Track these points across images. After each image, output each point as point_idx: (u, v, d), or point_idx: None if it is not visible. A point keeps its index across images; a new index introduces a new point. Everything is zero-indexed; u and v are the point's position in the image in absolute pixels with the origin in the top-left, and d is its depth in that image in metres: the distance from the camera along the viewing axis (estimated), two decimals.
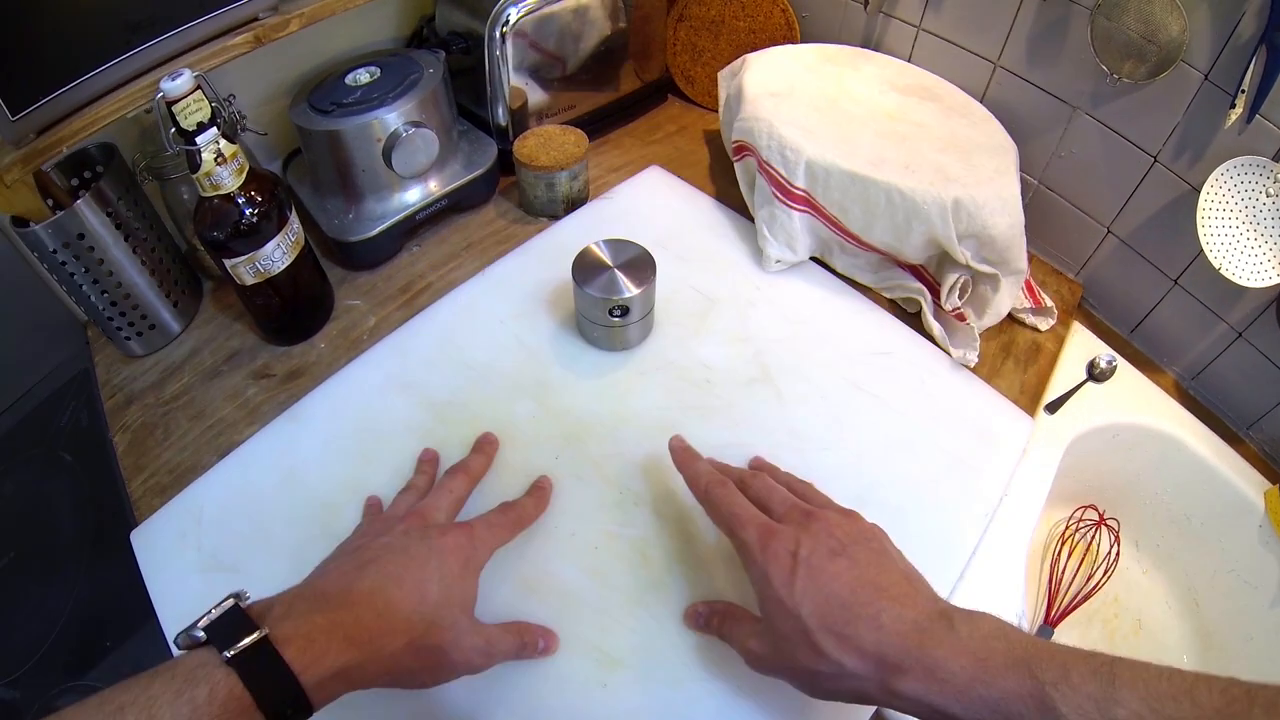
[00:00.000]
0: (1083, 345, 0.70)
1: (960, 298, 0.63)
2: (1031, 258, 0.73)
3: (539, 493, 0.52)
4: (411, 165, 0.68)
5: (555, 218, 0.76)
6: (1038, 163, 0.72)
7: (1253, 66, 0.52)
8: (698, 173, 0.82)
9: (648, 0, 0.82)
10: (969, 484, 0.56)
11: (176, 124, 0.49)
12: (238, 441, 0.57)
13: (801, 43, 0.82)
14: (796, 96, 0.69)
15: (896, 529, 0.42)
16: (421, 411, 0.58)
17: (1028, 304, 0.68)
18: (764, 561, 0.40)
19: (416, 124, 0.66)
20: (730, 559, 0.48)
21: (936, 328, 0.64)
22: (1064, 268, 0.76)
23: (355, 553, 0.40)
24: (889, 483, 0.55)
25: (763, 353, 0.62)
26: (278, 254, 0.57)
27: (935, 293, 0.65)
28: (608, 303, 0.57)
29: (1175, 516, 0.68)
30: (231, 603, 0.33)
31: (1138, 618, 0.68)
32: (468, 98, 0.79)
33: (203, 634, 0.32)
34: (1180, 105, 0.59)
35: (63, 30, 0.54)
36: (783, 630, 0.38)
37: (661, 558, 0.50)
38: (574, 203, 0.76)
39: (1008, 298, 0.64)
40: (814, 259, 0.71)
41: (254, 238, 0.55)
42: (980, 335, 0.63)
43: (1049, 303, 0.68)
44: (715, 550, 0.50)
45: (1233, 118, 0.54)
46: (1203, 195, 0.57)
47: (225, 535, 0.51)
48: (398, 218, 0.70)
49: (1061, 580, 0.66)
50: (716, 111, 0.79)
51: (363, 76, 0.68)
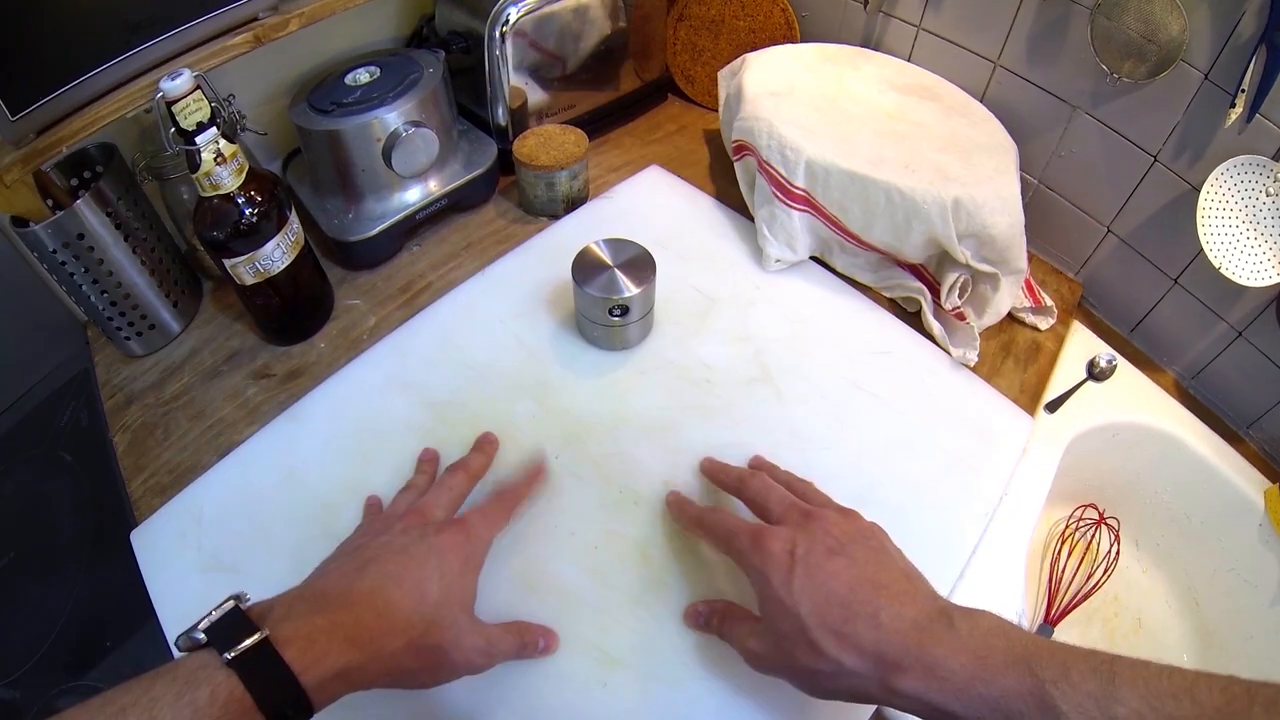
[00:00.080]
0: (1083, 344, 0.70)
1: (960, 297, 0.63)
2: (1031, 257, 0.73)
3: (532, 475, 0.52)
4: (411, 165, 0.68)
5: (555, 217, 0.76)
6: (1038, 162, 0.72)
7: (1253, 66, 0.52)
8: (697, 172, 0.82)
9: (648, 0, 0.82)
10: (969, 483, 0.56)
11: (176, 124, 0.49)
12: (238, 441, 0.57)
13: (801, 42, 0.82)
14: (796, 96, 0.69)
15: (896, 528, 0.43)
16: (421, 411, 0.58)
17: (1028, 303, 0.68)
18: (762, 561, 0.40)
19: (416, 124, 0.66)
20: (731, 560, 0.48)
21: (936, 327, 0.64)
22: (1064, 267, 0.76)
23: (355, 552, 0.40)
24: (889, 482, 0.55)
25: (763, 352, 0.62)
26: (277, 254, 0.57)
27: (935, 292, 0.65)
28: (608, 302, 0.57)
29: (1175, 515, 0.68)
30: (232, 604, 0.34)
31: (1138, 616, 0.68)
32: (467, 97, 0.79)
33: (203, 636, 0.32)
34: (1180, 105, 0.59)
35: (63, 30, 0.54)
36: (782, 629, 0.38)
37: (661, 557, 0.50)
38: (574, 202, 0.76)
39: (1008, 297, 0.64)
40: (814, 258, 0.71)
41: (254, 238, 0.55)
42: (980, 334, 0.63)
43: (1049, 302, 0.68)
44: (715, 550, 0.50)
45: (1233, 117, 0.55)
46: (1203, 194, 0.57)
47: (225, 535, 0.51)
48: (397, 217, 0.70)
49: (1061, 579, 0.66)
50: (716, 111, 0.79)
51: (362, 76, 0.68)
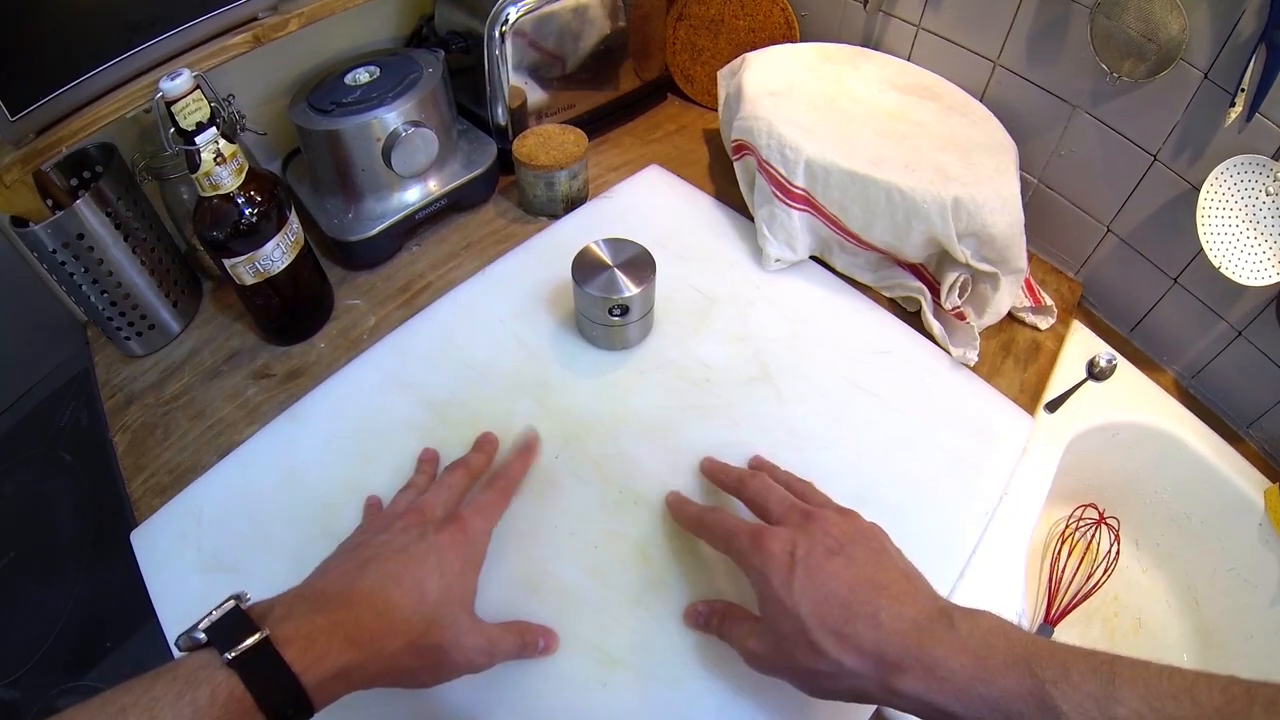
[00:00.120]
0: (1082, 344, 0.70)
1: (960, 296, 0.63)
2: (1031, 256, 0.73)
3: (524, 451, 0.52)
4: (411, 165, 0.68)
5: (555, 217, 0.76)
6: (1037, 161, 0.72)
7: (1252, 65, 0.52)
8: (697, 172, 0.82)
9: (647, 0, 0.82)
10: (969, 483, 0.56)
11: (176, 124, 0.49)
12: (238, 441, 0.57)
13: (801, 41, 0.82)
14: (796, 95, 0.69)
15: (896, 528, 0.43)
16: (421, 411, 0.58)
17: (1027, 303, 0.68)
18: (761, 562, 0.40)
19: (416, 123, 0.66)
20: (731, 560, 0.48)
21: (936, 326, 0.64)
22: (1064, 266, 0.76)
23: (354, 551, 0.40)
24: (889, 481, 0.55)
25: (762, 352, 0.62)
26: (277, 254, 0.57)
27: (935, 291, 0.65)
28: (607, 302, 0.57)
29: (1175, 515, 0.68)
30: (232, 604, 0.33)
31: (1138, 616, 0.68)
32: (467, 97, 0.79)
33: (204, 636, 0.32)
34: (1180, 104, 0.59)
35: (62, 30, 0.54)
36: (782, 629, 0.38)
37: (661, 557, 0.50)
38: (573, 202, 0.76)
39: (1007, 296, 0.64)
40: (814, 258, 0.71)
41: (253, 237, 0.55)
42: (980, 334, 0.63)
43: (1049, 301, 0.68)
44: (715, 550, 0.50)
45: (1232, 116, 0.54)
46: (1202, 194, 0.57)
47: (225, 535, 0.51)
48: (397, 217, 0.70)
49: (1061, 579, 0.66)
50: (716, 110, 0.79)
51: (362, 76, 0.68)
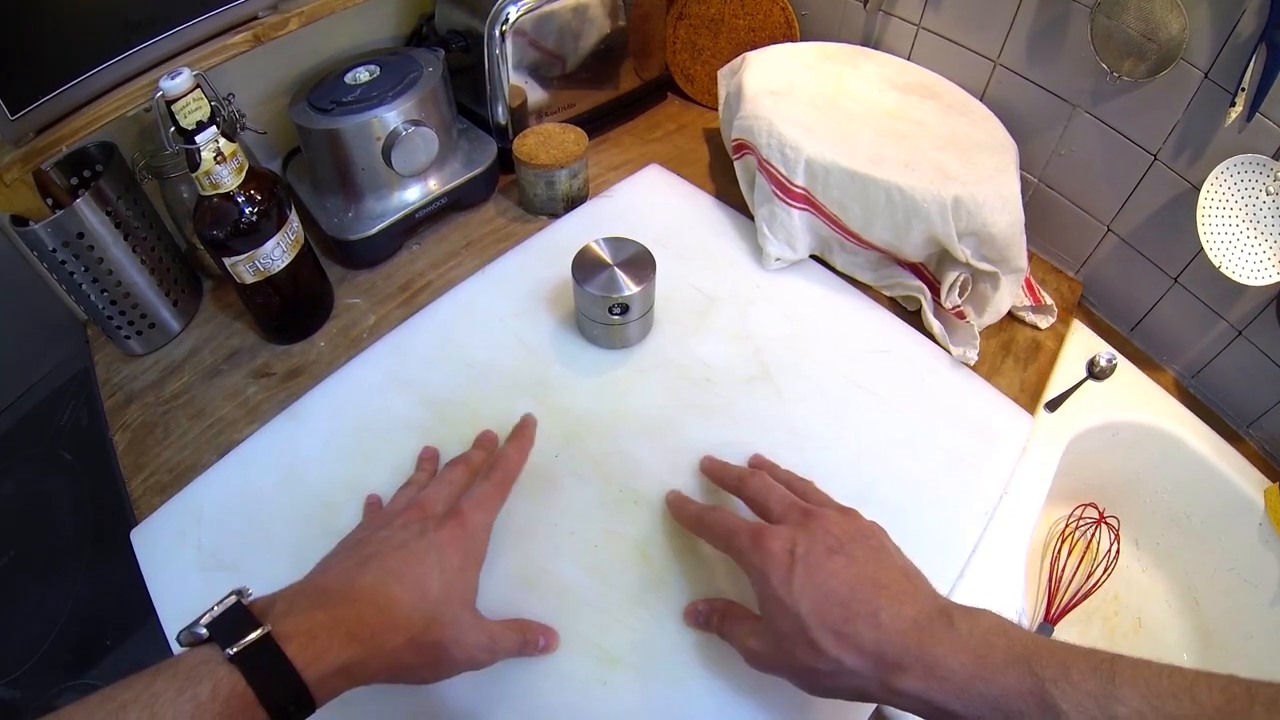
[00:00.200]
0: (1083, 343, 0.70)
1: (960, 296, 0.63)
2: (1031, 256, 0.73)
3: (520, 435, 0.52)
4: (411, 164, 0.68)
5: (555, 216, 0.76)
6: (1038, 161, 0.72)
7: (1253, 64, 0.52)
8: (697, 171, 0.82)
9: None
10: (969, 482, 0.56)
11: (176, 123, 0.49)
12: (237, 440, 0.57)
13: (801, 41, 0.82)
14: (796, 95, 0.69)
15: (896, 527, 0.43)
16: (421, 410, 0.58)
17: (1028, 302, 0.68)
18: (761, 560, 0.40)
19: (416, 122, 0.66)
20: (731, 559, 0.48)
21: (936, 326, 0.64)
22: (1064, 266, 0.76)
23: (355, 548, 0.40)
24: (889, 481, 0.55)
25: (762, 351, 0.62)
26: (277, 253, 0.57)
27: (935, 291, 0.65)
28: (607, 301, 0.57)
29: (1175, 515, 0.68)
30: (234, 600, 0.33)
31: (1138, 616, 0.68)
32: (467, 96, 0.79)
33: (205, 631, 0.32)
34: (1180, 103, 0.59)
35: (62, 29, 0.54)
36: (782, 628, 0.38)
37: (661, 556, 0.50)
38: (574, 201, 0.76)
39: (1008, 296, 0.64)
40: (814, 257, 0.71)
41: (253, 236, 0.55)
42: (980, 333, 0.63)
43: (1049, 301, 0.68)
44: (715, 549, 0.50)
45: (1233, 116, 0.55)
46: (1203, 193, 0.57)
47: (225, 534, 0.51)
48: (397, 216, 0.70)
49: (1061, 578, 0.66)
50: (716, 110, 0.79)
51: (362, 75, 0.68)
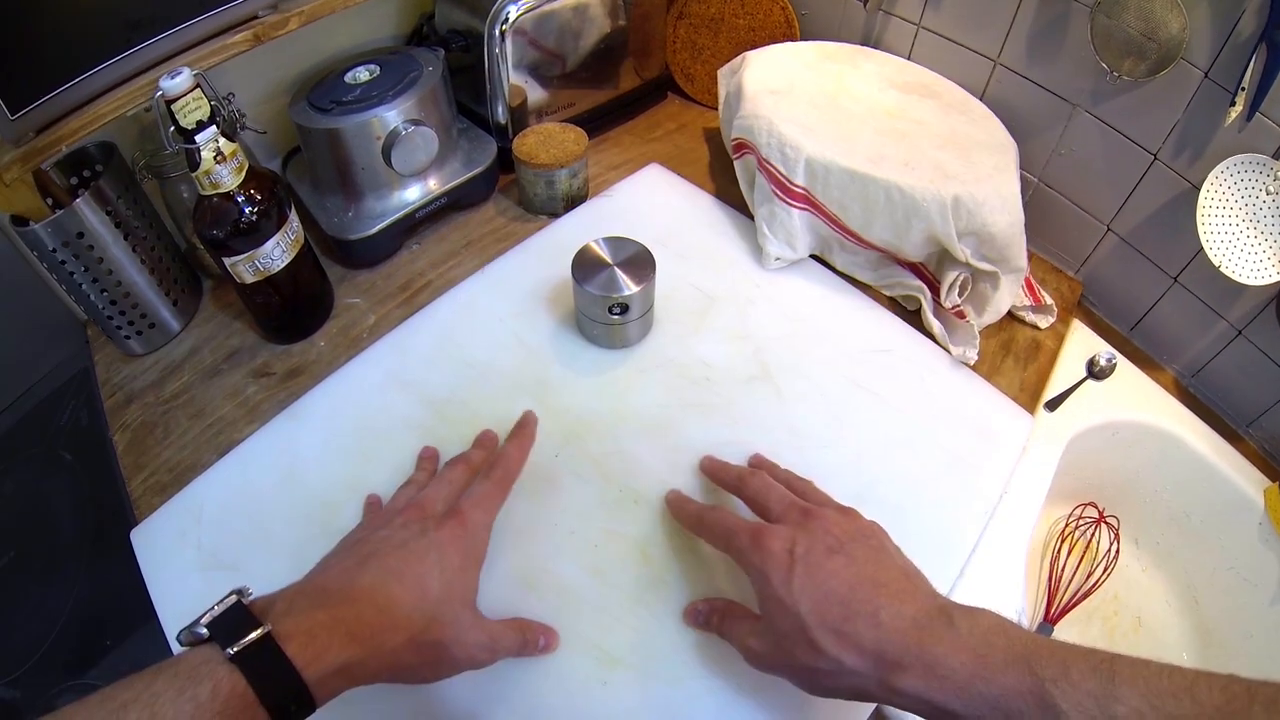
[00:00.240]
0: (1082, 343, 0.70)
1: (960, 295, 0.63)
2: (1031, 255, 0.73)
3: (521, 433, 0.52)
4: (411, 163, 0.68)
5: (555, 215, 0.76)
6: (1037, 160, 0.72)
7: (1253, 64, 0.52)
8: (697, 170, 0.82)
9: None
10: (969, 481, 0.56)
11: (176, 122, 0.49)
12: (237, 440, 0.57)
13: (801, 40, 0.82)
14: (796, 94, 0.69)
15: (896, 527, 0.43)
16: (421, 409, 0.58)
17: (1027, 301, 0.68)
18: (761, 560, 0.40)
19: (416, 122, 0.66)
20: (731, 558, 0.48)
21: (936, 325, 0.64)
22: (1064, 265, 0.76)
23: (355, 547, 0.40)
24: (888, 480, 0.55)
25: (762, 350, 0.62)
26: (277, 252, 0.57)
27: (935, 290, 0.65)
28: (607, 300, 0.57)
29: (1175, 514, 0.68)
30: (234, 599, 0.33)
31: (1137, 615, 0.69)
32: (467, 95, 0.79)
33: (205, 631, 0.32)
34: (1180, 103, 0.59)
35: (62, 28, 0.54)
36: (782, 628, 0.38)
37: (661, 556, 0.50)
38: (574, 200, 0.76)
39: (1007, 295, 0.64)
40: (814, 256, 0.71)
41: (253, 236, 0.55)
42: (980, 333, 0.63)
43: (1049, 300, 0.68)
44: (715, 548, 0.50)
45: (1233, 115, 0.55)
46: (1203, 193, 0.57)
47: (225, 534, 0.51)
48: (397, 216, 0.70)
49: (1061, 578, 0.66)
50: (716, 109, 0.79)
51: (362, 74, 0.68)
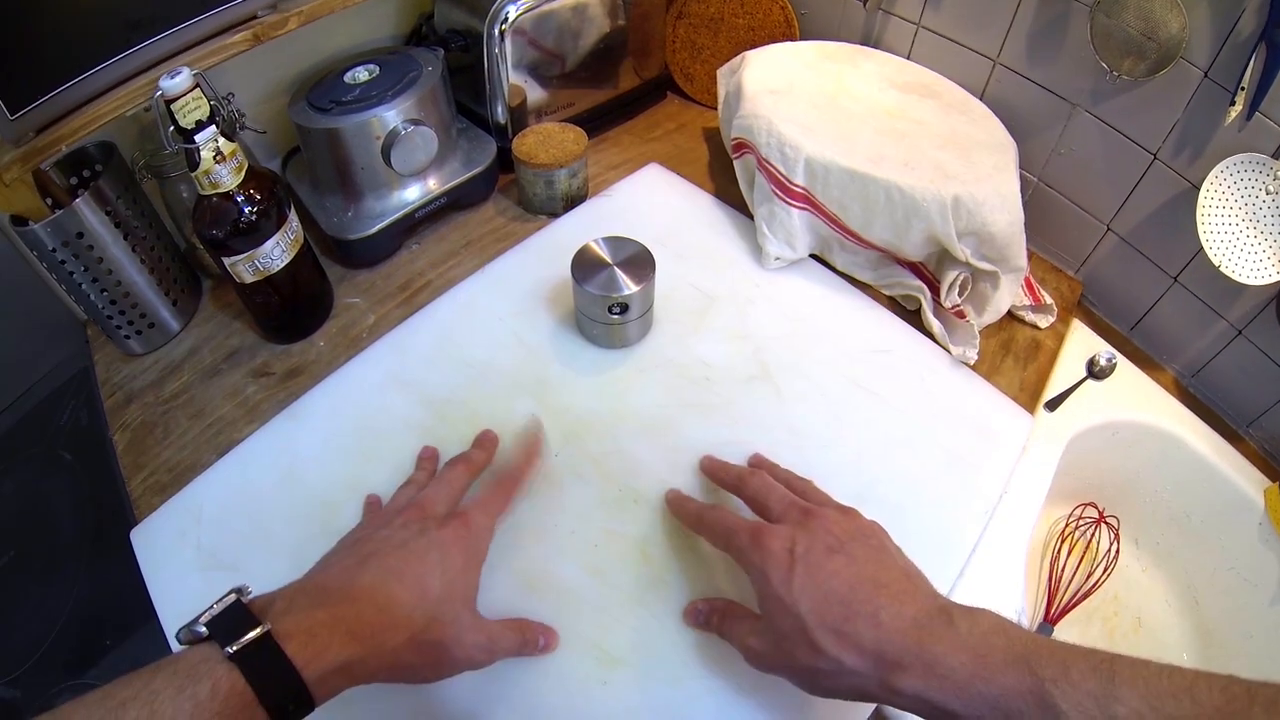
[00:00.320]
0: (1082, 343, 0.70)
1: (960, 295, 0.63)
2: (1031, 255, 0.73)
3: (529, 449, 0.52)
4: (410, 163, 0.68)
5: (554, 215, 0.76)
6: (1037, 160, 0.72)
7: (1252, 64, 0.52)
8: (697, 170, 0.82)
9: None
10: (969, 481, 0.56)
11: (175, 122, 0.49)
12: (237, 440, 0.57)
13: (801, 40, 0.82)
14: (796, 94, 0.69)
15: (896, 526, 0.43)
16: (421, 409, 0.58)
17: (1027, 301, 0.68)
18: (762, 560, 0.40)
19: (415, 122, 0.66)
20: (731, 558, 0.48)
21: (936, 325, 0.64)
22: (1064, 265, 0.76)
23: (355, 546, 0.40)
24: (888, 480, 0.55)
25: (762, 350, 0.62)
26: (277, 252, 0.57)
27: (935, 290, 0.65)
28: (607, 300, 0.57)
29: (1175, 514, 0.68)
30: (233, 598, 0.33)
31: (1137, 615, 0.68)
32: (467, 95, 0.79)
33: (204, 629, 0.32)
34: (1180, 102, 0.59)
35: (62, 28, 0.54)
36: (782, 628, 0.38)
37: (661, 555, 0.50)
38: (573, 200, 0.76)
39: (1007, 295, 0.64)
40: (813, 256, 0.71)
41: (253, 236, 0.55)
42: (980, 332, 0.63)
43: (1049, 300, 0.68)
44: (715, 549, 0.50)
45: (1233, 115, 0.54)
46: (1202, 192, 0.57)
47: (225, 533, 0.51)
48: (397, 216, 0.70)
49: (1061, 578, 0.66)
50: (716, 109, 0.79)
51: (361, 74, 0.68)
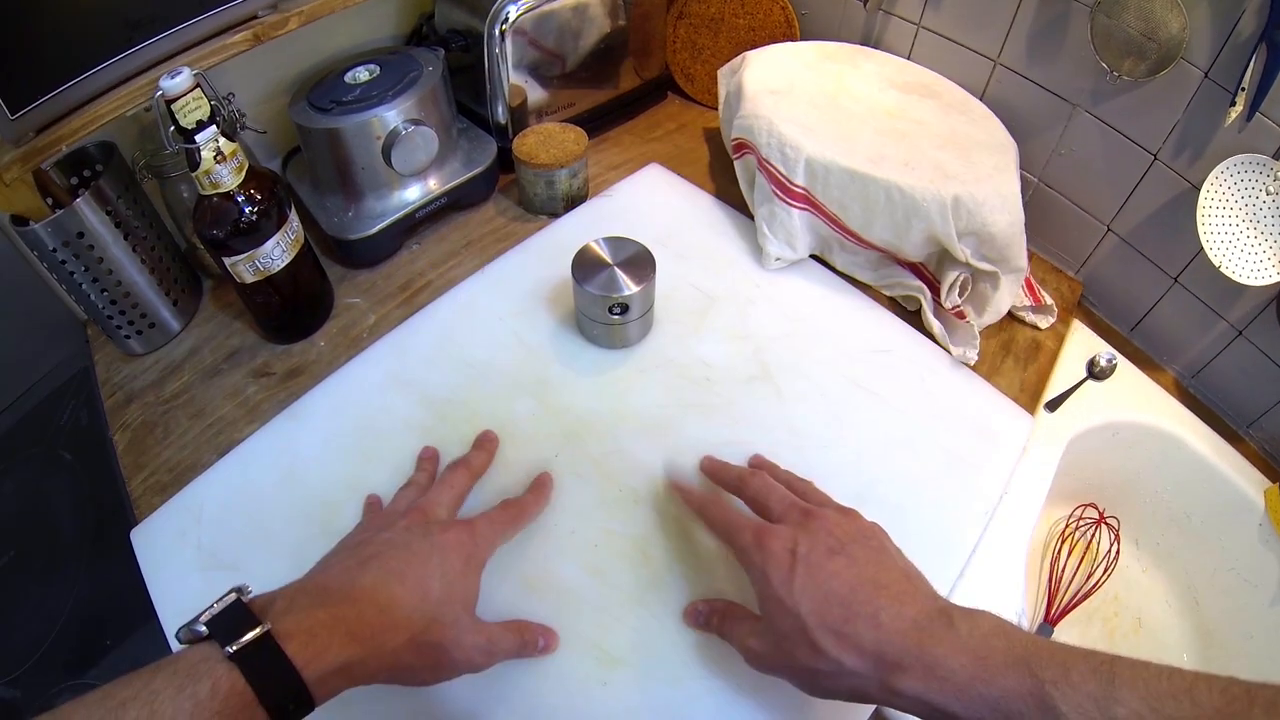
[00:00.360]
0: (1083, 343, 0.70)
1: (960, 295, 0.63)
2: (1031, 255, 0.73)
3: (540, 490, 0.52)
4: (411, 163, 0.68)
5: (555, 215, 0.76)
6: (1037, 160, 0.72)
7: (1253, 64, 0.52)
8: (697, 170, 0.82)
9: None
10: (969, 482, 0.56)
11: (176, 122, 0.49)
12: (237, 440, 0.57)
13: (801, 40, 0.82)
14: (796, 94, 0.69)
15: (896, 527, 0.43)
16: (421, 409, 0.58)
17: (1028, 302, 0.68)
18: (762, 560, 0.40)
19: (416, 122, 0.66)
20: (731, 557, 0.47)
21: (936, 325, 0.64)
22: (1064, 265, 0.76)
23: (357, 548, 0.40)
24: (889, 481, 0.55)
25: (762, 350, 0.62)
26: (277, 252, 0.57)
27: (935, 290, 0.65)
28: (607, 300, 0.57)
29: (1175, 515, 0.68)
30: (234, 597, 0.33)
31: (1138, 616, 0.68)
32: (467, 95, 0.79)
33: (205, 629, 0.32)
34: (1180, 103, 0.59)
35: (62, 28, 0.54)
36: (782, 628, 0.38)
37: (661, 556, 0.50)
38: (574, 200, 0.76)
39: (1008, 295, 0.64)
40: (814, 257, 0.71)
41: (253, 236, 0.55)
42: (980, 333, 0.63)
43: (1049, 300, 0.68)
44: (715, 548, 0.50)
45: (1233, 115, 0.54)
46: (1203, 193, 0.57)
47: (225, 533, 0.51)
48: (397, 216, 0.70)
49: (1061, 578, 0.66)
50: (716, 109, 0.79)
51: (362, 74, 0.68)
